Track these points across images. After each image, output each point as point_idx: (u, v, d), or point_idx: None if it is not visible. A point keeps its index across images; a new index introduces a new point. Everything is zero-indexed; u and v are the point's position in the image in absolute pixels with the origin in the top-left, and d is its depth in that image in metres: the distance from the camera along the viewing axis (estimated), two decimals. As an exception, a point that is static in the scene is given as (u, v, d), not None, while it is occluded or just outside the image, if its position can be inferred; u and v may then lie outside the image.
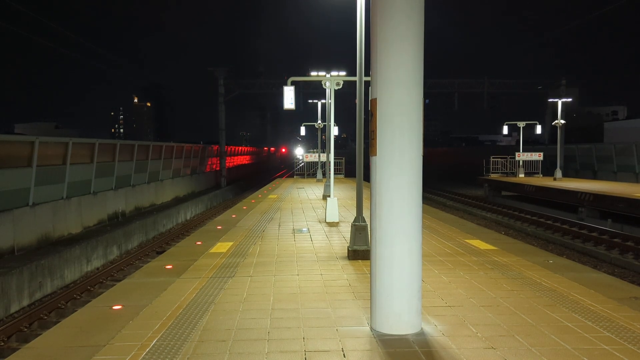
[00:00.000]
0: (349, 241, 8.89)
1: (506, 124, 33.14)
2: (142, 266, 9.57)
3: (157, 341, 4.68)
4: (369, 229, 5.56)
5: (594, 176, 30.15)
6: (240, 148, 57.45)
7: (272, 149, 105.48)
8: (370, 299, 5.01)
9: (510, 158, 32.68)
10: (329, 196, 12.96)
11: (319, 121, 26.92)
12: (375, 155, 4.85)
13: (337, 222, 12.51)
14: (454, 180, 45.22)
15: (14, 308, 10.63)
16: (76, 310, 6.22)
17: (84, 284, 12.09)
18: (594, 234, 16.89)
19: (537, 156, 31.61)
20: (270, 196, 20.16)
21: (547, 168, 32.24)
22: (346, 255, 8.54)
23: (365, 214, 8.12)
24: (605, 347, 4.49)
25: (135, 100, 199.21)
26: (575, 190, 21.01)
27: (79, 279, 13.35)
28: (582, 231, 17.30)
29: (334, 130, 15.36)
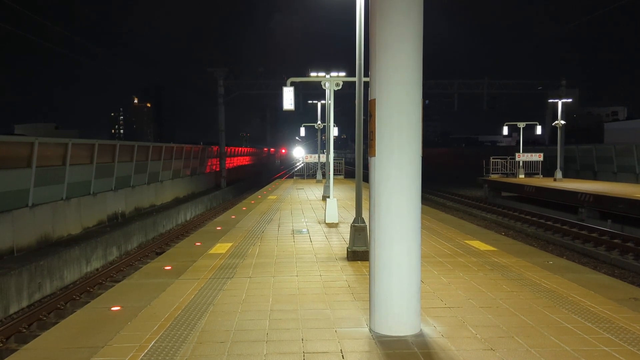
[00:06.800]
0: (348, 242, 8.88)
1: (506, 125, 33.10)
2: (142, 267, 9.55)
3: (155, 342, 4.67)
4: (368, 230, 5.55)
5: (594, 177, 30.15)
6: (240, 149, 57.40)
7: (272, 149, 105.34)
8: (369, 300, 5.00)
9: (510, 159, 32.66)
10: (329, 197, 12.95)
11: (319, 122, 26.91)
12: (374, 155, 4.84)
13: (337, 223, 12.50)
14: (453, 180, 45.19)
15: (13, 309, 10.62)
16: (75, 311, 6.21)
17: (83, 285, 12.09)
18: (594, 234, 16.87)
19: (537, 157, 31.60)
20: (269, 197, 20.15)
21: (547, 169, 32.23)
22: (345, 256, 8.53)
23: (365, 215, 8.11)
24: (605, 348, 4.48)
25: (135, 101, 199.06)
26: (575, 191, 21.00)
27: (79, 279, 13.34)
28: (582, 232, 17.27)
29: (334, 131, 15.35)
